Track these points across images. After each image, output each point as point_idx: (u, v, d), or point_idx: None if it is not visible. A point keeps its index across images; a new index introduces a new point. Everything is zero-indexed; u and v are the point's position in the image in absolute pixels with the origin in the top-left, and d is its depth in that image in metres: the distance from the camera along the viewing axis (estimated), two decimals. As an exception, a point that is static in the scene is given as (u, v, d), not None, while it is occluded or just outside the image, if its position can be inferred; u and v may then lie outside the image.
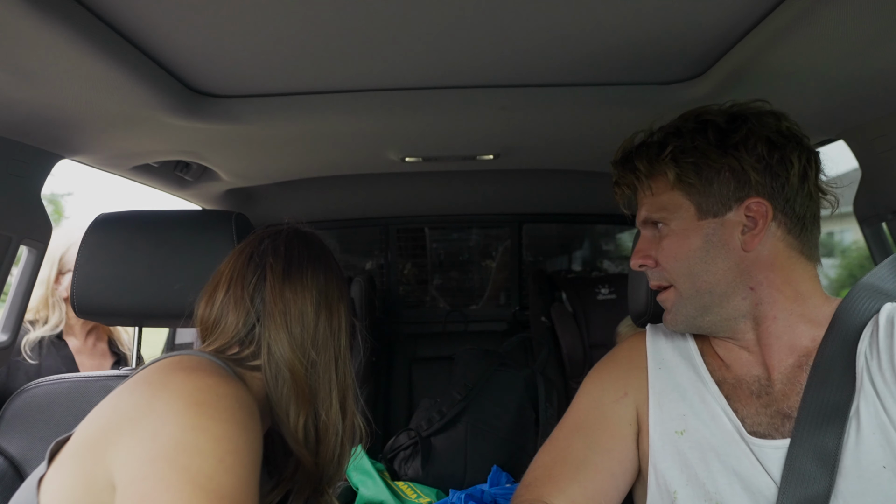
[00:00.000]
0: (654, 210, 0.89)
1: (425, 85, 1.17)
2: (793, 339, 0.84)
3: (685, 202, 0.86)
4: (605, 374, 0.98)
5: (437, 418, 2.16)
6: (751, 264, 0.84)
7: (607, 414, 0.93)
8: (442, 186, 2.23)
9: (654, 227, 0.90)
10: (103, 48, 0.90)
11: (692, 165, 0.85)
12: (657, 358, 0.95)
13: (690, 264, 0.85)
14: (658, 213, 0.88)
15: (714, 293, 0.85)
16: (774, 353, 0.85)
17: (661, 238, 0.89)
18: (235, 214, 1.13)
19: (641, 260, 0.91)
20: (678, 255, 0.86)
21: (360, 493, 1.94)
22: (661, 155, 0.87)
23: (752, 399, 0.85)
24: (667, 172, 0.86)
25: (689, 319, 0.88)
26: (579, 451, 0.91)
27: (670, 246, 0.87)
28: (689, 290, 0.86)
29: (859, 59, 0.96)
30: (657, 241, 0.89)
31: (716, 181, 0.84)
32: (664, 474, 0.86)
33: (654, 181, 0.89)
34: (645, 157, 0.89)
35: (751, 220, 0.83)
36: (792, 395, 0.82)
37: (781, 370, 0.84)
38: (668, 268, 0.87)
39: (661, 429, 0.89)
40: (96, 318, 1.15)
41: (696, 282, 0.85)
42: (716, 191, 0.84)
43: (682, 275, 0.86)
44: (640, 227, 0.93)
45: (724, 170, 0.83)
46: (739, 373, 0.88)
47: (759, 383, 0.85)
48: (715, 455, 0.83)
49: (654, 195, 0.89)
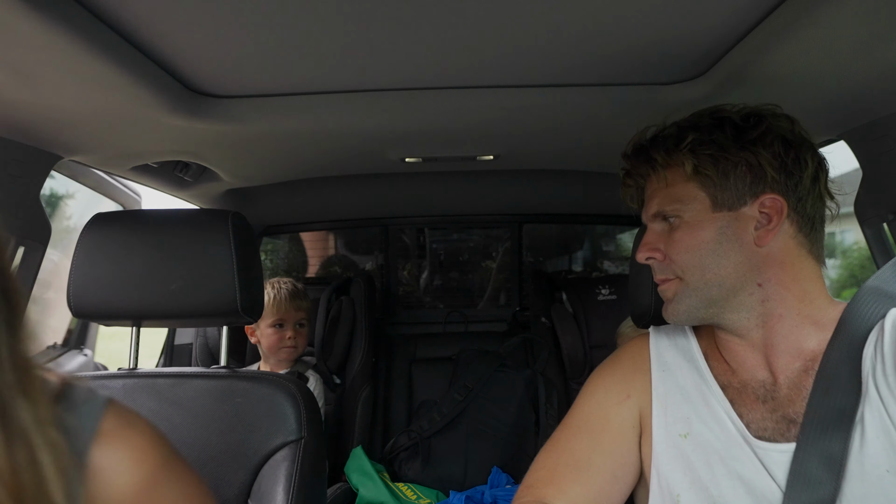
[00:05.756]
0: (668, 202, 0.87)
1: (425, 85, 1.17)
2: (799, 341, 0.84)
3: (700, 194, 0.85)
4: (607, 376, 0.98)
5: (438, 419, 2.16)
6: (762, 260, 0.84)
7: (610, 416, 0.93)
8: (442, 187, 2.23)
9: (663, 220, 0.89)
10: (103, 48, 0.90)
11: (710, 157, 0.84)
12: (660, 360, 0.95)
13: (702, 256, 0.85)
14: (672, 206, 0.87)
15: (722, 286, 0.84)
16: (780, 355, 0.84)
17: (671, 230, 0.88)
18: (232, 213, 1.13)
19: (649, 252, 0.89)
20: (690, 246, 0.85)
21: (360, 494, 1.94)
22: (679, 146, 0.86)
23: (757, 404, 0.84)
24: (684, 163, 0.85)
25: (690, 311, 0.87)
26: (581, 453, 0.91)
27: (682, 237, 0.86)
28: (697, 282, 0.85)
29: (860, 59, 0.96)
30: (666, 235, 0.89)
31: (732, 175, 0.84)
32: (667, 477, 0.86)
33: (669, 172, 0.88)
34: (662, 148, 0.88)
35: (764, 216, 0.83)
36: (798, 400, 0.82)
37: (788, 374, 0.84)
38: (678, 260, 0.86)
39: (664, 431, 0.88)
40: (93, 319, 1.15)
41: (705, 274, 0.85)
42: (732, 184, 0.84)
43: (691, 266, 0.85)
44: (647, 221, 0.92)
45: (741, 164, 0.83)
46: (745, 377, 0.87)
47: (765, 388, 0.85)
48: (719, 458, 0.83)
49: (668, 186, 0.88)
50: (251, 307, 1.13)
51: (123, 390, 1.12)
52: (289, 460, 1.05)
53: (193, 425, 1.09)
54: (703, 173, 0.85)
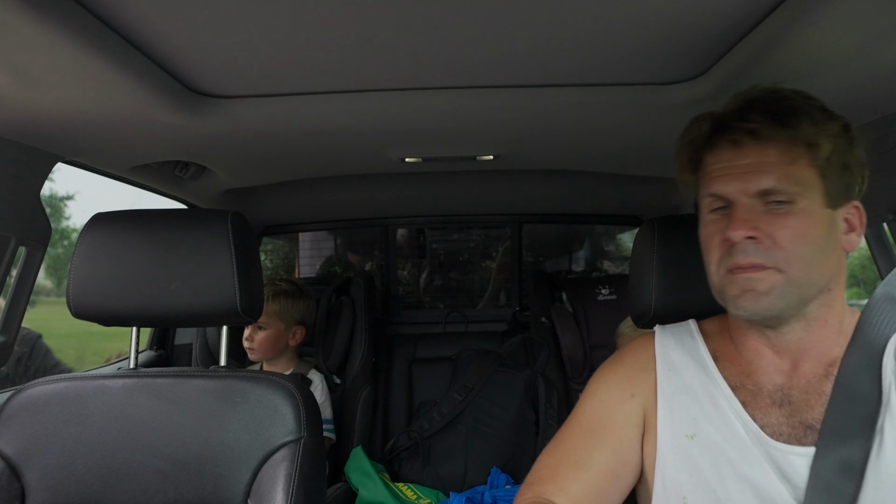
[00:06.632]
0: (790, 182, 0.78)
1: (425, 85, 1.17)
2: (829, 348, 0.83)
3: (818, 183, 0.79)
4: (611, 374, 0.97)
5: (438, 419, 2.16)
6: (840, 265, 0.83)
7: (613, 415, 0.92)
8: (442, 187, 2.23)
9: (761, 199, 0.79)
10: (103, 49, 0.90)
11: (843, 147, 0.80)
12: (666, 360, 0.93)
13: (814, 251, 0.78)
14: (794, 187, 0.78)
15: (816, 286, 0.81)
16: (808, 361, 0.83)
17: (782, 215, 0.78)
18: (231, 213, 1.13)
19: (751, 231, 0.78)
20: (806, 238, 0.78)
21: (359, 494, 1.94)
22: (828, 125, 0.79)
23: (773, 408, 0.83)
24: (821, 144, 0.78)
25: (785, 309, 0.80)
26: (583, 451, 0.90)
27: (797, 225, 0.78)
28: (801, 278, 0.78)
29: (860, 59, 0.96)
30: (767, 216, 0.79)
31: (845, 173, 0.81)
32: (673, 479, 0.85)
33: (804, 149, 0.79)
34: (811, 120, 0.79)
35: (847, 222, 0.82)
36: (817, 406, 0.81)
37: (809, 379, 0.83)
38: (788, 248, 0.77)
39: (670, 432, 0.87)
40: (93, 319, 1.15)
41: (810, 271, 0.79)
42: (841, 182, 0.81)
43: (801, 260, 0.78)
44: (734, 195, 0.80)
45: (851, 164, 0.81)
46: (761, 380, 0.85)
47: (782, 392, 0.83)
48: (727, 461, 0.82)
49: (791, 164, 0.78)
50: (251, 307, 1.13)
51: (124, 390, 1.12)
52: (288, 460, 1.05)
53: (193, 425, 1.09)
54: (832, 162, 0.79)
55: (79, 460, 1.08)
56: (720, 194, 0.82)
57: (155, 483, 1.07)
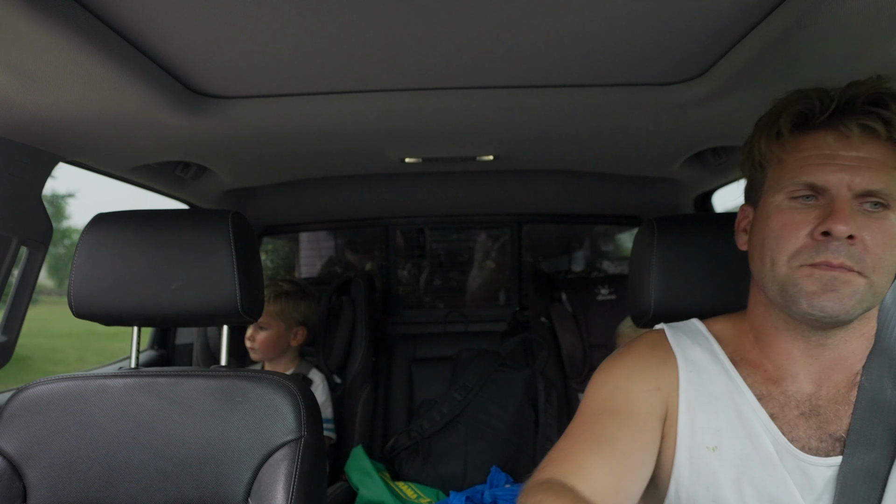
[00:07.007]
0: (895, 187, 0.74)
1: (425, 85, 1.17)
2: (861, 357, 0.81)
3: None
4: (629, 363, 0.88)
5: (438, 418, 2.16)
6: None
7: (636, 402, 0.83)
8: (442, 187, 2.23)
9: (858, 198, 0.75)
10: (103, 49, 0.90)
11: None
12: (686, 357, 0.87)
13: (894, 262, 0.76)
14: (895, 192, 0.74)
15: (882, 297, 0.78)
16: (842, 370, 0.81)
17: (877, 219, 0.74)
18: (232, 213, 1.13)
19: (854, 230, 0.73)
20: (894, 247, 0.75)
21: (360, 494, 1.94)
22: None
23: (801, 420, 0.80)
24: None
25: (860, 314, 0.77)
26: (602, 431, 0.81)
27: (892, 234, 0.74)
28: (882, 286, 0.76)
29: (859, 59, 0.96)
30: (861, 217, 0.74)
31: None
32: (688, 489, 0.82)
33: None
34: None
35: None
36: (844, 417, 0.79)
37: (838, 388, 0.81)
38: (878, 255, 0.74)
39: (690, 441, 0.82)
40: (94, 319, 1.15)
41: (887, 281, 0.76)
42: None
43: (885, 269, 0.75)
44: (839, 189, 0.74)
45: None
46: (789, 389, 0.82)
47: (811, 402, 0.81)
48: (749, 478, 0.79)
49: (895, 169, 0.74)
50: (251, 307, 1.14)
51: (125, 389, 1.12)
52: (289, 459, 1.06)
53: (194, 424, 1.09)
54: None
55: (80, 459, 1.09)
56: (818, 184, 0.75)
57: (156, 482, 1.08)
